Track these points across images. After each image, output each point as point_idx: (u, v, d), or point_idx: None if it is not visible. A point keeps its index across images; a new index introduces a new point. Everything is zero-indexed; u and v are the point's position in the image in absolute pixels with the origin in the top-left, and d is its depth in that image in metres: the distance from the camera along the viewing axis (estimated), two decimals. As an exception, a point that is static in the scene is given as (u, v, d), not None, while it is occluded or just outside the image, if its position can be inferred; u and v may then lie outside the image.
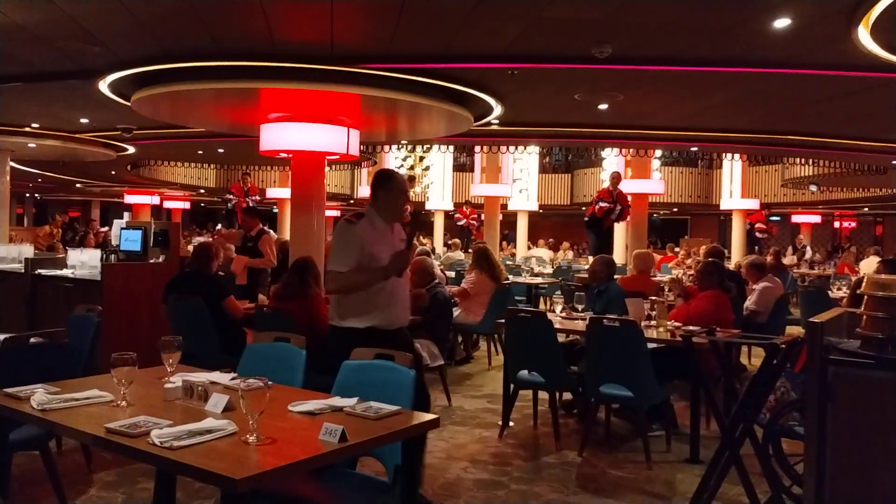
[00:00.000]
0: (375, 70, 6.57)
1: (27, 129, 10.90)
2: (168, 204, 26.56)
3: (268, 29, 5.48)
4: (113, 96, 7.73)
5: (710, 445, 4.39)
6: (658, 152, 14.52)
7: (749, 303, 6.83)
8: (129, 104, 7.73)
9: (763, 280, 7.02)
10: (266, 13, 5.11)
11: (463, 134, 9.74)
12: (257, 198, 14.38)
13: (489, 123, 9.17)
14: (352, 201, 24.54)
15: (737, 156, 13.76)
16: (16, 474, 3.71)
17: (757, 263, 7.35)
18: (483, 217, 16.83)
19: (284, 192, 17.18)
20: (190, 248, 8.35)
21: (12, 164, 12.83)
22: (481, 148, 13.97)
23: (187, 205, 27.67)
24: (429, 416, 2.63)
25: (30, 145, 11.78)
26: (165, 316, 5.53)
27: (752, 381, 3.58)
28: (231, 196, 13.42)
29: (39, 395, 2.59)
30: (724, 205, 19.52)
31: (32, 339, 3.53)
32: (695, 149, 13.12)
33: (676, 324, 5.08)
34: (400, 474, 2.61)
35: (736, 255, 16.65)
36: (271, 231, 8.62)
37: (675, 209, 25.40)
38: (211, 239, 9.14)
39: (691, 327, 4.80)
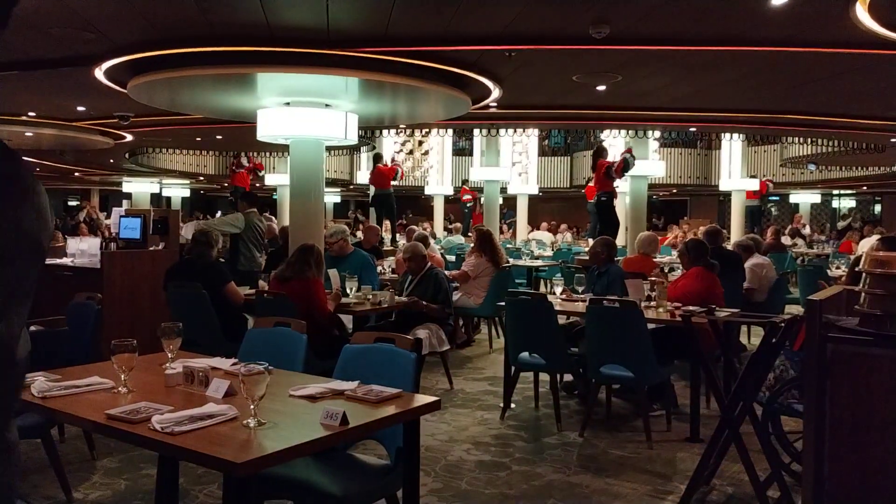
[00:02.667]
0: (373, 54, 6.52)
1: (23, 117, 10.85)
2: (167, 192, 26.53)
3: (263, 13, 5.44)
4: (109, 83, 7.68)
5: (710, 424, 4.41)
6: (657, 133, 14.45)
7: (745, 282, 6.94)
8: (125, 91, 7.68)
9: (751, 258, 7.17)
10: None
11: (461, 117, 9.70)
12: (261, 174, 14.53)
13: (487, 106, 9.12)
14: (351, 186, 24.48)
15: (736, 136, 13.71)
16: (19, 462, 3.73)
17: (744, 245, 7.51)
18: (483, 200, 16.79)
19: (284, 178, 17.16)
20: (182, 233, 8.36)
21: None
22: (480, 131, 13.90)
23: (187, 192, 27.64)
24: (430, 399, 2.63)
25: (27, 134, 11.73)
26: (166, 303, 5.54)
27: (752, 359, 3.59)
28: (243, 159, 13.62)
29: (40, 383, 2.60)
30: (724, 185, 19.49)
31: (32, 327, 3.53)
32: (693, 129, 13.06)
33: (676, 304, 5.09)
34: (402, 456, 2.62)
35: (735, 236, 16.65)
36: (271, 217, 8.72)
37: (675, 190, 25.36)
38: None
39: (691, 307, 4.81)
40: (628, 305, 4.57)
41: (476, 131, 14.28)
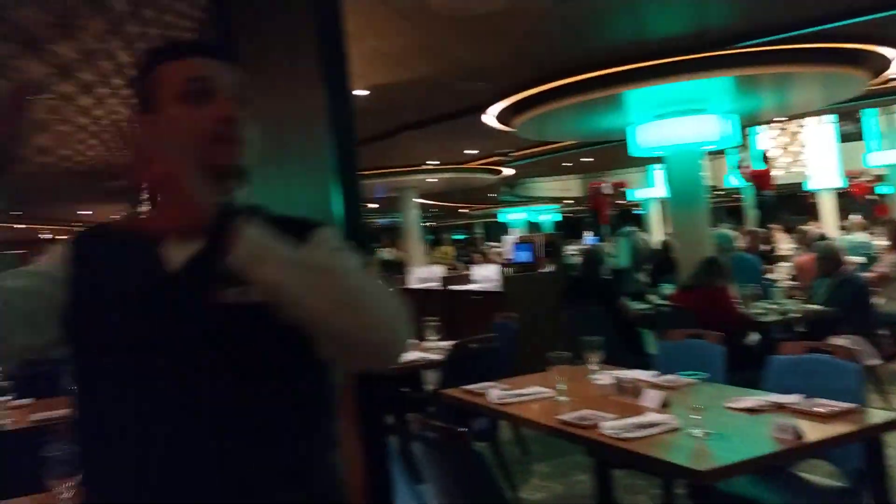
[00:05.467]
0: (748, 48, 6.16)
1: (424, 166, 12.61)
2: (538, 217, 28.29)
3: (640, 30, 5.54)
4: (496, 125, 8.55)
5: None
6: None
7: None
8: (510, 130, 8.47)
9: None
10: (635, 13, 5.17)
11: (854, 98, 8.56)
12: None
13: (888, 80, 7.88)
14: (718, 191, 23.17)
15: None
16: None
17: None
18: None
19: (650, 193, 17.19)
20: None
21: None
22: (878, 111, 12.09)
23: (559, 216, 29.09)
24: (892, 416, 2.34)
25: (427, 180, 13.59)
26: (567, 320, 5.90)
27: None
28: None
29: (494, 391, 2.98)
30: None
31: (472, 345, 4.08)
32: None
33: None
34: (863, 479, 2.36)
35: None
36: None
37: None
38: None
39: None
40: None
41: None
